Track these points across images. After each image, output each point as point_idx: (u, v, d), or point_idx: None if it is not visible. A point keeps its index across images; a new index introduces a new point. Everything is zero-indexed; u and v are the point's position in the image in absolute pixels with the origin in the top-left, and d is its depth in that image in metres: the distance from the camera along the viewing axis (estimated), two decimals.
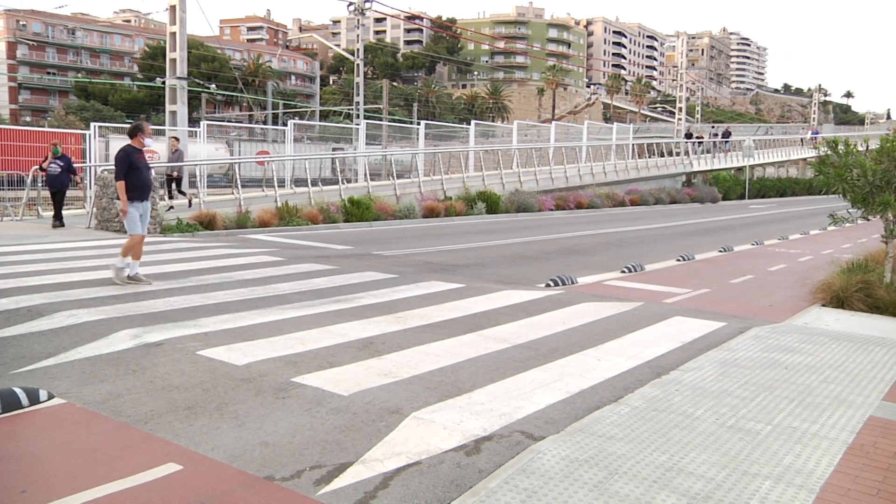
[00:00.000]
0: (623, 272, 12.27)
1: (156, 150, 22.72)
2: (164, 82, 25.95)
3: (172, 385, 5.34)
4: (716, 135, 47.31)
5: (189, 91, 26.37)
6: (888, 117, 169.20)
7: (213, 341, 6.51)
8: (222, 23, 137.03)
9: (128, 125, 14.09)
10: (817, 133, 63.26)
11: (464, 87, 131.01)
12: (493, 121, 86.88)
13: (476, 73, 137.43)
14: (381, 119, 44.60)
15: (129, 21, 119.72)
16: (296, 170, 25.86)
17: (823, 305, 9.68)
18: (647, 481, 3.89)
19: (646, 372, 6.08)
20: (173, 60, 23.26)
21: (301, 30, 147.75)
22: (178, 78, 23.15)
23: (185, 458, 4.09)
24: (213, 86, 67.00)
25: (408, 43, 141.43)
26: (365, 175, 26.70)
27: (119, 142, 29.86)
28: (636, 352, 6.74)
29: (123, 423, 4.62)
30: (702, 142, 44.66)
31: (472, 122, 35.30)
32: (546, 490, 3.73)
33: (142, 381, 5.41)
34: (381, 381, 5.57)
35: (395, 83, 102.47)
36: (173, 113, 23.40)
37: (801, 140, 60.50)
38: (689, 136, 46.22)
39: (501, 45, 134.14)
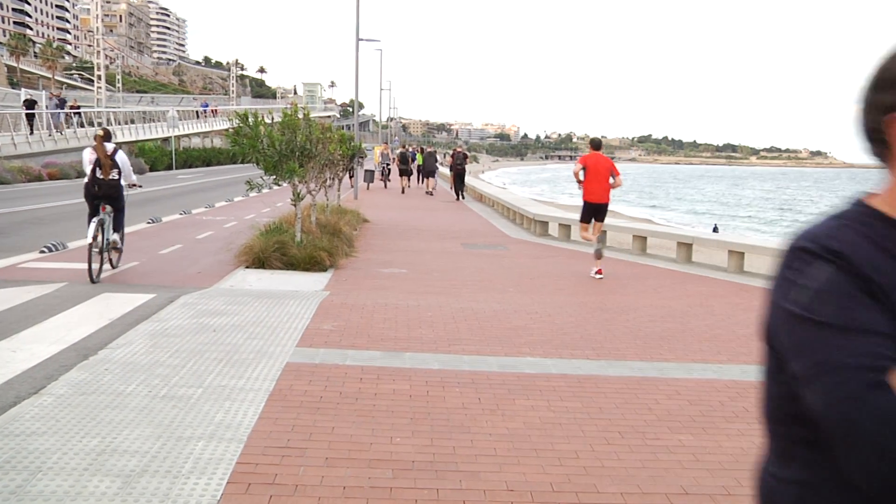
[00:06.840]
0: (43, 252, 11.30)
1: None
2: None
3: None
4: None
5: None
6: (295, 92, 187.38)
7: None
8: None
9: None
10: (206, 105, 67.20)
11: None
12: None
13: None
14: None
15: None
16: None
17: (247, 267, 10.35)
18: (77, 471, 3.69)
19: (71, 356, 5.73)
20: None
21: None
22: None
23: None
24: None
25: None
26: None
27: None
28: (60, 336, 6.31)
29: None
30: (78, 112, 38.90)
31: None
32: None
33: None
34: None
35: None
36: None
37: (196, 112, 62.79)
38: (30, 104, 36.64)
39: None
